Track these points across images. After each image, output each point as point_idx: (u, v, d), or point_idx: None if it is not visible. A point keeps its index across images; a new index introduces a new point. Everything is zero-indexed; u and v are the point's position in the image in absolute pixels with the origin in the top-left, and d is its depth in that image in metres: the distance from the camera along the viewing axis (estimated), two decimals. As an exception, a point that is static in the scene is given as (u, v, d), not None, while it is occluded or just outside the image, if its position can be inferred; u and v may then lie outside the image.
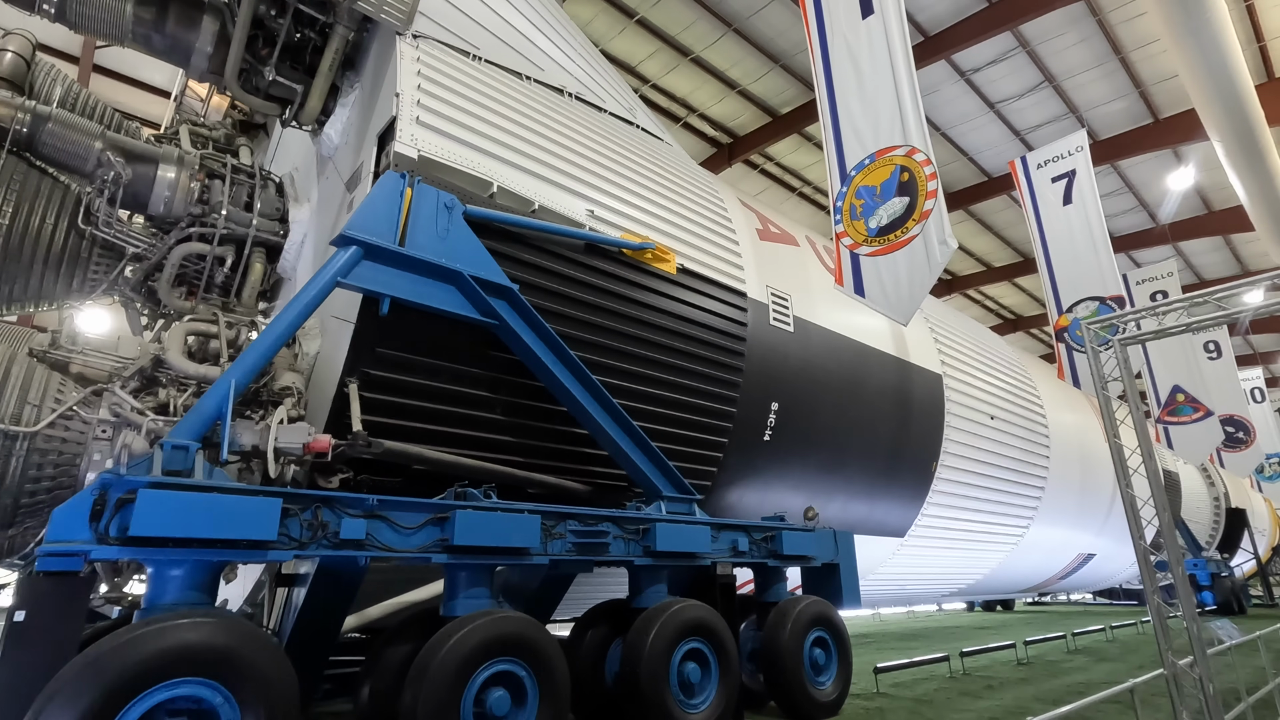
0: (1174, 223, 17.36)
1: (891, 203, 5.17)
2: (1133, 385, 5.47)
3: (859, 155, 5.53)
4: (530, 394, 5.44)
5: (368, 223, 4.39)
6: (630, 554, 5.13)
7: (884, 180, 5.26)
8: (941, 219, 4.85)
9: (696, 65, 12.11)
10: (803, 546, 6.42)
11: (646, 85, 12.63)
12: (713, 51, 11.80)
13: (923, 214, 4.95)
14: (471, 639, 3.82)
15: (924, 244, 4.91)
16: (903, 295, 5.10)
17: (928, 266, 4.90)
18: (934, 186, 4.95)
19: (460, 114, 5.34)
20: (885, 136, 5.33)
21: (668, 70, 12.23)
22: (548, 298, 5.55)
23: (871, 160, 5.41)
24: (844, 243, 5.64)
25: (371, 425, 4.68)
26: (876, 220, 5.27)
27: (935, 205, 4.89)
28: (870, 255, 5.29)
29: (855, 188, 5.50)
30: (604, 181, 6.29)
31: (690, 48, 11.71)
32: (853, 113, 5.61)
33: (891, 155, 5.25)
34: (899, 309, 5.21)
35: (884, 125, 5.34)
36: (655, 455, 5.66)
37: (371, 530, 3.85)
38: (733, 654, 5.23)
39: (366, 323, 4.60)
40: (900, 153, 5.20)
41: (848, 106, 5.65)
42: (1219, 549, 24.54)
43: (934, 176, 4.98)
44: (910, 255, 4.99)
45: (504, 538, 4.27)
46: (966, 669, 8.78)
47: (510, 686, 3.98)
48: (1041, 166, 9.34)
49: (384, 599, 5.45)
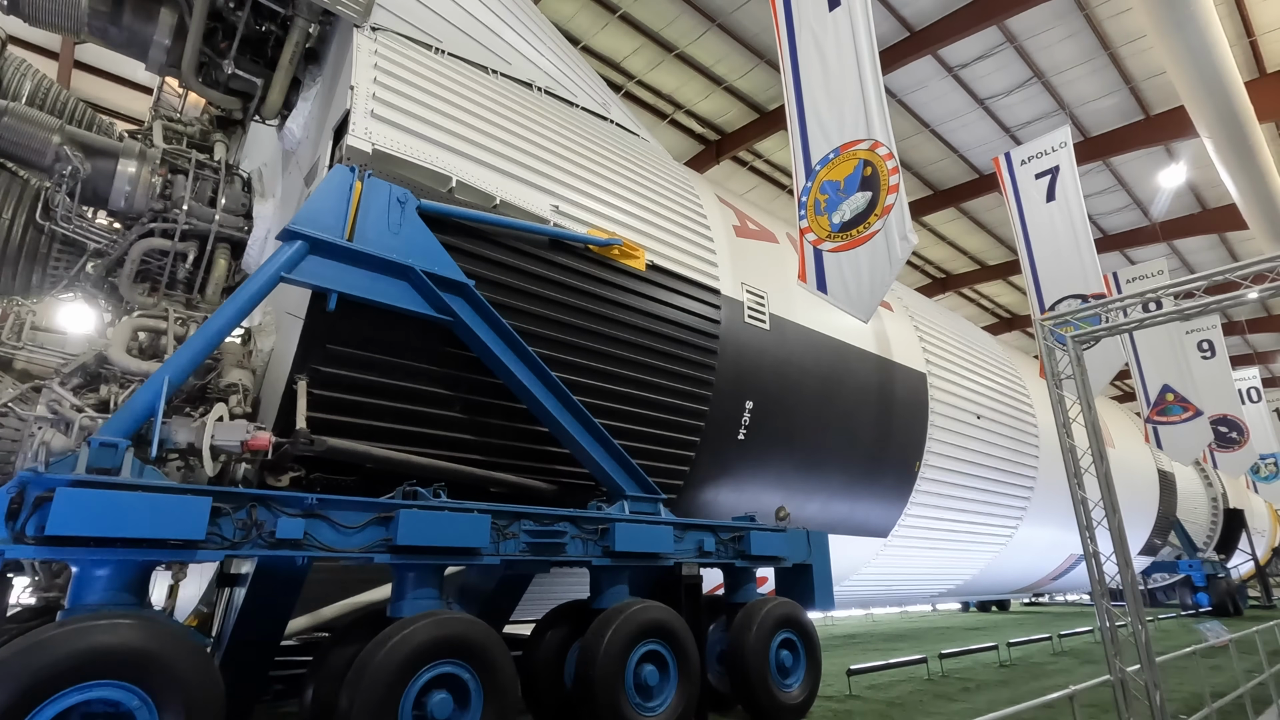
0: (1168, 221, 17.21)
1: (855, 198, 5.08)
2: (1086, 382, 5.37)
3: (824, 149, 5.44)
4: (491, 392, 5.36)
5: (314, 217, 4.32)
6: (589, 554, 5.06)
7: (848, 175, 5.17)
8: (902, 214, 4.76)
9: (681, 61, 12.02)
10: (772, 547, 6.34)
11: (631, 82, 12.53)
12: (697, 47, 11.71)
13: (885, 209, 4.85)
14: (411, 641, 3.75)
15: (885, 240, 4.81)
16: (864, 292, 5.01)
17: (889, 263, 4.80)
18: (896, 181, 4.85)
19: (418, 107, 5.26)
20: (850, 130, 5.24)
21: (652, 66, 12.13)
22: (510, 294, 5.47)
23: (836, 154, 5.32)
24: (808, 238, 5.55)
25: (323, 423, 4.62)
26: (840, 215, 5.18)
27: (897, 200, 4.80)
28: (833, 251, 5.20)
29: (820, 182, 5.41)
30: (571, 177, 6.21)
31: (674, 43, 11.62)
32: (819, 106, 5.51)
33: (856, 149, 5.16)
34: (860, 306, 5.11)
35: (849, 118, 5.25)
36: (618, 454, 5.58)
37: (310, 530, 3.77)
38: (693, 656, 5.15)
39: (316, 319, 4.52)
40: (864, 146, 5.11)
41: (814, 99, 5.56)
42: (1216, 550, 24.41)
43: (896, 171, 4.89)
44: (872, 251, 4.89)
45: (451, 538, 4.20)
46: (947, 671, 8.69)
47: (453, 689, 3.91)
48: (1025, 163, 9.23)
49: (341, 599, 5.39)
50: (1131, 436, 18.05)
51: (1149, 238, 17.17)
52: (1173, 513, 21.37)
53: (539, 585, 6.87)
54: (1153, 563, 22.46)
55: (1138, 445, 18.14)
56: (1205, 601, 21.51)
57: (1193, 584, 22.11)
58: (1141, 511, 19.06)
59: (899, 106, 13.22)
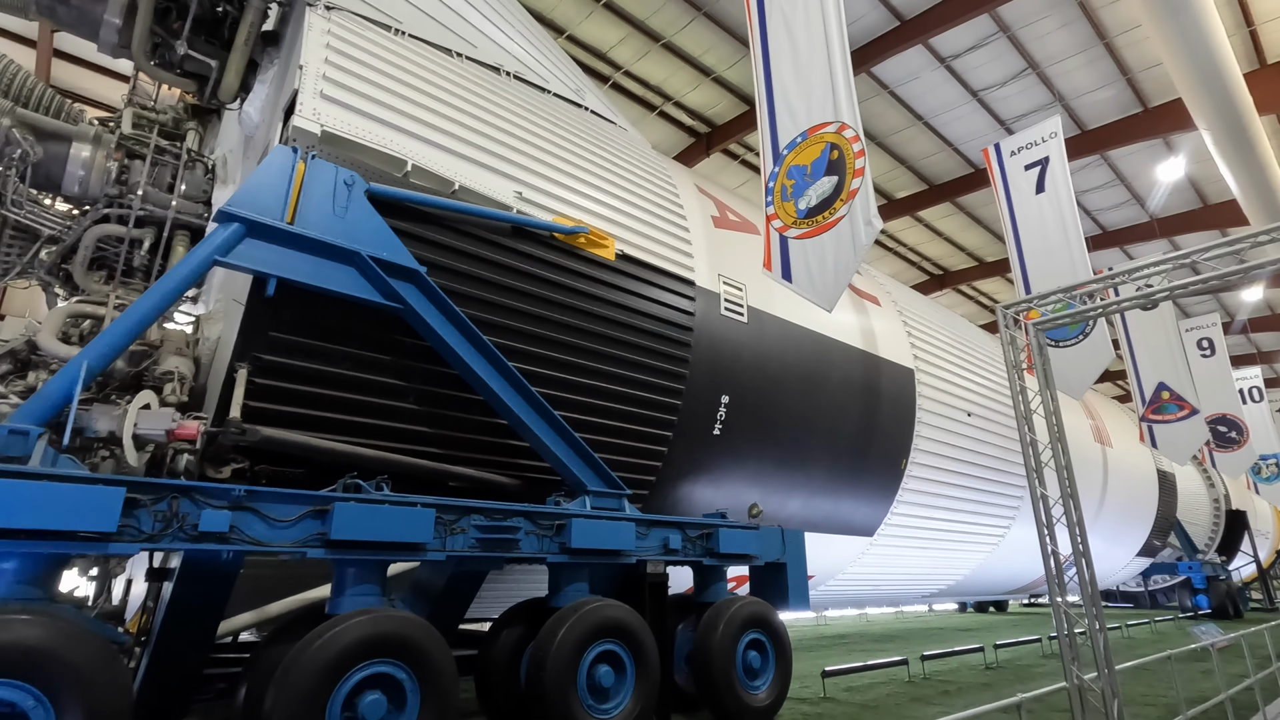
0: (1168, 217, 16.93)
1: (821, 183, 4.89)
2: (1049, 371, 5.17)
3: (791, 133, 5.25)
4: (450, 383, 5.20)
5: (252, 198, 4.16)
6: (544, 551, 4.89)
7: (814, 159, 4.98)
8: (867, 199, 4.57)
9: (668, 51, 11.81)
10: (743, 545, 6.16)
11: (619, 72, 12.35)
12: (684, 37, 11.50)
13: (850, 194, 4.66)
14: (342, 639, 3.59)
15: (850, 225, 4.63)
16: (828, 280, 4.82)
17: (853, 249, 4.61)
18: (861, 164, 4.66)
19: (373, 89, 5.10)
20: (818, 112, 5.05)
21: (639, 56, 11.93)
22: (469, 283, 5.31)
23: (803, 138, 5.13)
24: (774, 225, 5.37)
25: (267, 413, 4.47)
26: (806, 201, 4.99)
27: (862, 184, 4.61)
28: (799, 238, 5.02)
29: (787, 167, 5.23)
30: (537, 163, 6.04)
31: (660, 32, 11.42)
32: (787, 89, 5.32)
33: (823, 132, 4.97)
34: (824, 294, 4.93)
35: (816, 101, 5.06)
36: (580, 447, 5.42)
37: (238, 523, 3.62)
38: (652, 657, 4.98)
39: (257, 305, 4.37)
40: (831, 129, 4.92)
41: (783, 82, 5.37)
42: (1218, 551, 24.11)
43: (862, 154, 4.69)
44: (837, 238, 4.71)
45: (392, 532, 4.04)
46: (930, 673, 8.50)
47: (388, 690, 3.75)
48: (1015, 154, 9.02)
49: (295, 594, 5.25)
50: (1130, 436, 17.79)
51: (1149, 234, 16.89)
52: (1172, 513, 21.09)
53: (505, 582, 6.74)
54: (1152, 564, 22.20)
55: (1136, 445, 17.89)
56: (1205, 604, 21.22)
57: (1192, 586, 21.81)
58: (1140, 512, 18.81)
59: (891, 99, 13.01)
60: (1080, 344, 7.91)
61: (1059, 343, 8.11)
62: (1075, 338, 7.99)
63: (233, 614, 4.88)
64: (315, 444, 4.37)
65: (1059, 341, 8.11)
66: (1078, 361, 7.88)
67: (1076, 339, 7.96)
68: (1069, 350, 8.01)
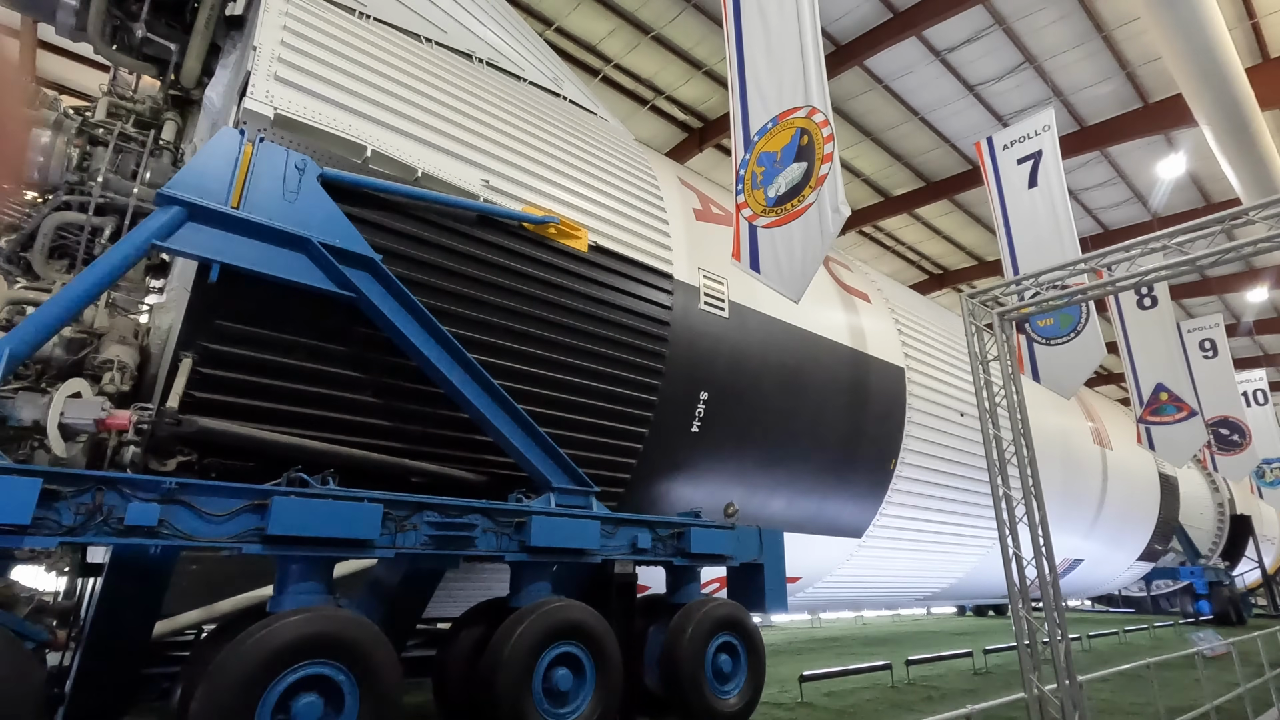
0: (1170, 216, 16.65)
1: (790, 169, 4.72)
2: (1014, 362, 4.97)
3: (763, 119, 5.08)
4: (410, 375, 5.05)
5: (195, 181, 4.02)
6: (503, 549, 4.73)
7: (784, 145, 4.81)
8: (836, 184, 4.40)
9: (659, 44, 11.63)
10: (716, 544, 5.99)
11: (609, 65, 12.17)
12: (674, 29, 11.33)
13: (819, 180, 4.49)
14: (275, 639, 3.44)
15: (818, 213, 4.46)
16: (795, 269, 4.65)
17: (820, 237, 4.44)
18: (830, 149, 4.48)
19: (332, 72, 4.95)
20: (789, 97, 4.88)
21: (629, 49, 11.76)
22: (431, 273, 5.16)
23: (774, 124, 4.96)
24: (744, 214, 5.20)
25: (216, 404, 4.33)
26: (775, 189, 4.82)
27: (831, 170, 4.43)
28: (767, 227, 4.85)
29: (757, 154, 5.06)
30: (507, 151, 5.88)
31: (650, 24, 11.25)
32: (759, 74, 5.15)
33: (793, 117, 4.80)
34: (791, 284, 4.76)
35: (788, 85, 4.89)
36: (544, 442, 5.26)
37: (168, 516, 3.47)
38: (614, 659, 4.82)
39: (202, 292, 4.23)
40: (801, 114, 4.75)
41: (755, 67, 5.20)
42: (1222, 557, 23.77)
43: (831, 139, 4.52)
44: (805, 225, 4.53)
45: (335, 528, 3.89)
46: (916, 678, 8.31)
47: (325, 691, 3.60)
48: (1008, 147, 8.81)
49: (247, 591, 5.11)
50: (1132, 439, 17.52)
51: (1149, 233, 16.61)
52: (1174, 518, 20.79)
53: (475, 581, 6.59)
54: (1154, 569, 21.90)
55: (1138, 448, 17.63)
56: (1207, 609, 20.90)
57: (1194, 592, 21.49)
58: (1140, 516, 18.53)
59: (886, 93, 12.80)
60: (1071, 342, 7.70)
61: (1049, 340, 7.91)
62: (1066, 335, 7.78)
63: (181, 610, 4.74)
64: (260, 436, 4.22)
65: (1049, 339, 7.91)
66: (1068, 360, 7.67)
67: (1067, 336, 7.76)
68: (1059, 348, 7.81)
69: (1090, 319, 7.67)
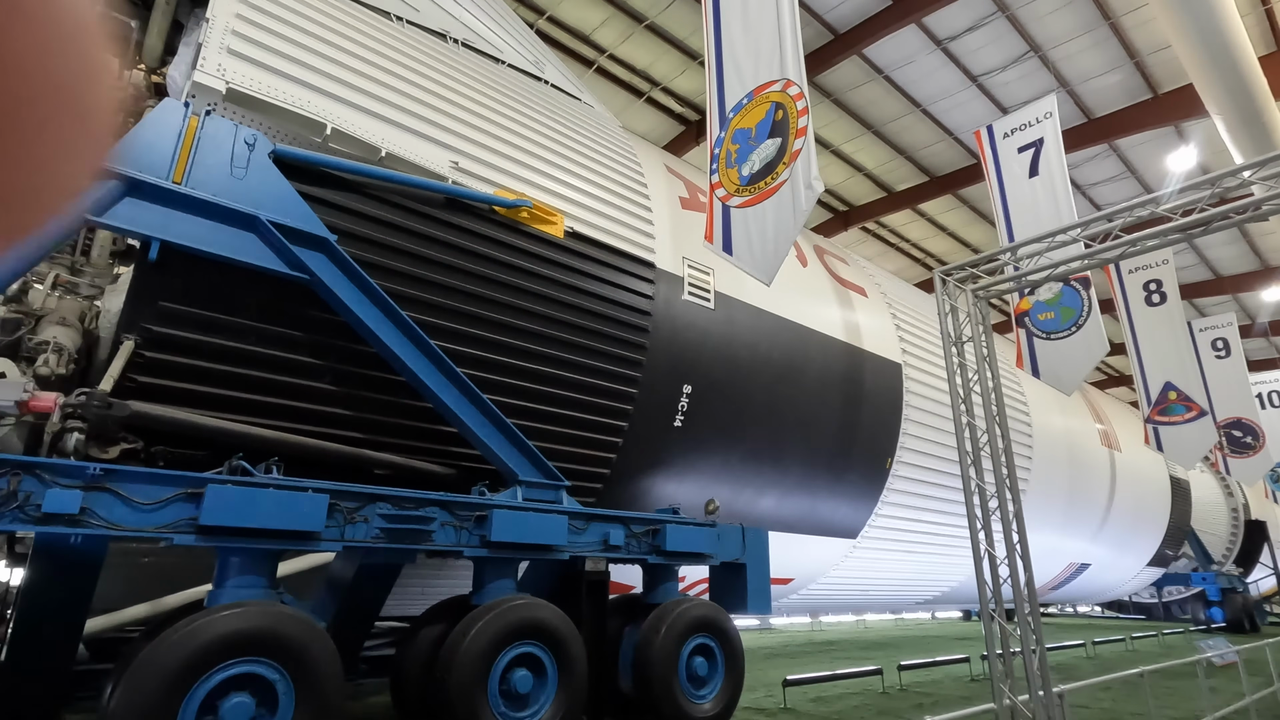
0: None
1: (764, 146, 4.48)
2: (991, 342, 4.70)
3: (738, 94, 4.84)
4: (373, 363, 4.85)
5: (133, 154, 3.84)
6: (462, 544, 4.52)
7: (759, 121, 4.58)
8: (809, 160, 4.15)
9: (652, 33, 11.41)
10: (693, 543, 5.75)
11: (603, 56, 11.96)
12: (667, 17, 11.09)
13: (792, 155, 4.25)
14: (202, 636, 3.25)
15: (791, 190, 4.22)
16: (767, 250, 4.40)
17: (793, 215, 4.20)
18: (804, 123, 4.24)
19: (291, 47, 4.76)
20: (765, 71, 4.64)
21: (623, 39, 11.54)
22: (395, 256, 4.96)
23: (749, 99, 4.72)
24: (717, 194, 4.97)
25: (162, 389, 4.15)
26: (749, 167, 4.59)
27: (804, 144, 4.19)
28: (740, 207, 4.61)
29: (732, 131, 4.82)
30: (479, 133, 5.68)
31: (643, 13, 11.02)
32: (736, 48, 4.92)
33: (768, 92, 4.56)
34: (763, 266, 4.52)
35: (764, 59, 4.65)
36: (511, 433, 5.05)
37: (92, 504, 3.29)
38: (578, 661, 4.59)
39: (145, 273, 4.05)
40: (777, 88, 4.50)
41: (732, 41, 4.96)
42: (1236, 563, 23.20)
43: (805, 112, 4.27)
44: (778, 204, 4.29)
45: (274, 519, 3.69)
46: (909, 684, 8.02)
47: (258, 691, 3.40)
48: (1008, 135, 8.51)
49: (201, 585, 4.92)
50: (1141, 441, 17.10)
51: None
52: (1186, 522, 20.30)
53: (447, 579, 6.38)
54: (1165, 574, 21.39)
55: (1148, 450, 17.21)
56: (1219, 617, 20.38)
57: (1206, 598, 20.97)
58: (1150, 520, 18.09)
59: (887, 84, 12.49)
60: (1072, 336, 7.40)
61: (1050, 335, 7.61)
62: (1067, 329, 7.48)
63: (128, 605, 4.57)
64: (201, 422, 4.03)
65: (1050, 334, 7.62)
66: (1069, 355, 7.37)
67: (1068, 331, 7.46)
68: (1060, 343, 7.51)
69: (1092, 312, 7.37)
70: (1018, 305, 7.92)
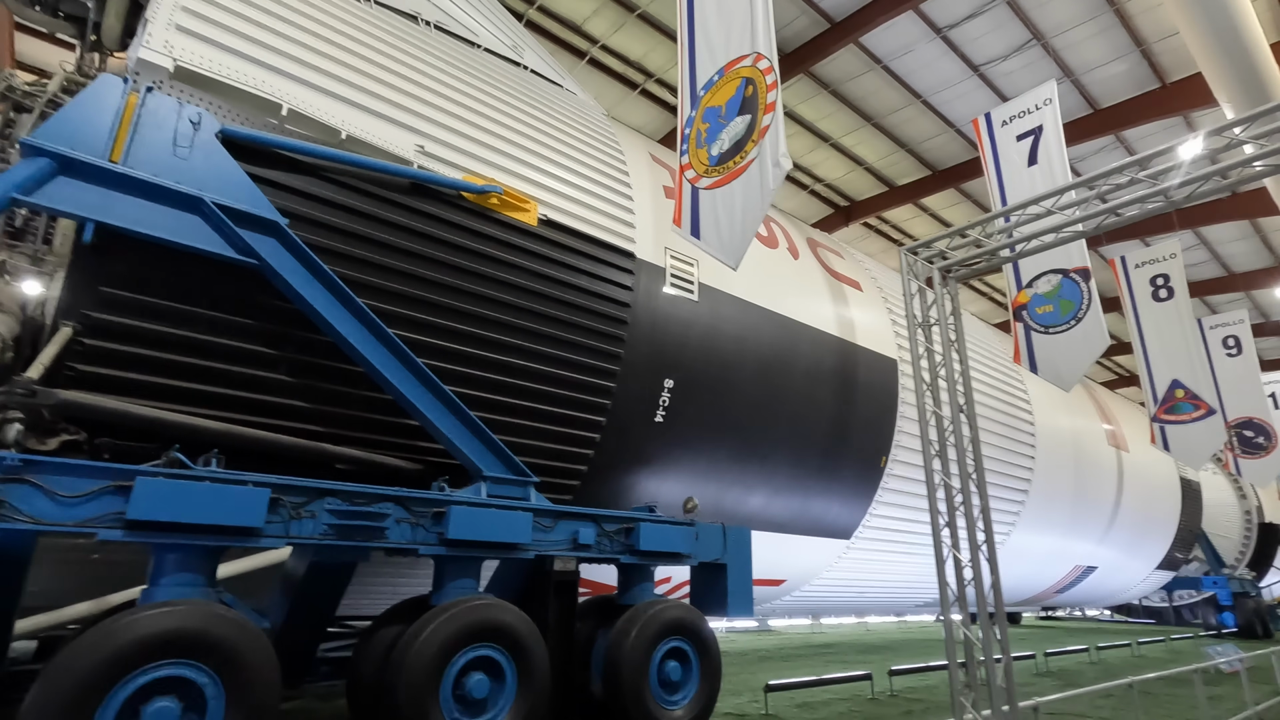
0: (1191, 206, 15.79)
1: (734, 123, 4.26)
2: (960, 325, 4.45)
3: (709, 71, 4.62)
4: (334, 353, 4.66)
5: (67, 131, 3.67)
6: (417, 541, 4.33)
7: (729, 98, 4.35)
8: (777, 136, 3.92)
9: (645, 22, 11.18)
10: (670, 542, 5.53)
11: (596, 46, 11.74)
12: (659, 6, 10.86)
13: (761, 132, 4.02)
14: (122, 636, 3.07)
15: (759, 169, 3.99)
16: (735, 232, 4.18)
17: (760, 194, 3.97)
18: (773, 98, 4.01)
19: (245, 24, 4.59)
20: (736, 45, 4.41)
21: (615, 29, 11.33)
22: (354, 242, 4.78)
23: (720, 76, 4.50)
24: (687, 176, 4.74)
25: (104, 379, 3.98)
26: (719, 146, 4.36)
27: (773, 121, 3.96)
28: (709, 188, 4.39)
29: (703, 110, 4.60)
30: (447, 116, 5.49)
31: (634, 2, 10.81)
32: (709, 23, 4.70)
33: (739, 67, 4.33)
34: (730, 249, 4.29)
35: (735, 33, 4.42)
36: (475, 426, 4.85)
37: (9, 497, 3.11)
38: (539, 663, 4.39)
39: (83, 257, 3.89)
40: (747, 62, 4.28)
41: (705, 16, 4.74)
42: (1249, 567, 22.71)
43: (775, 86, 4.03)
44: (745, 183, 4.06)
45: (209, 513, 3.50)
46: (901, 689, 7.77)
47: (185, 695, 3.21)
48: (1007, 123, 8.23)
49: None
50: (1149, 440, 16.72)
51: (1169, 224, 15.79)
52: (1196, 525, 19.85)
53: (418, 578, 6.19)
54: (1175, 578, 20.95)
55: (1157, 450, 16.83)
56: (1231, 622, 19.92)
57: (1218, 602, 20.51)
58: (1160, 522, 17.68)
59: (886, 75, 12.21)
60: (1071, 330, 7.12)
61: (1048, 329, 7.33)
62: (1066, 323, 7.19)
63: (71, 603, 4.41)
64: (138, 412, 3.86)
65: (1048, 327, 7.33)
66: (1068, 349, 7.09)
67: (1068, 324, 7.17)
68: (1059, 337, 7.22)
69: (1092, 306, 7.09)
70: (1015, 298, 7.65)
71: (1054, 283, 7.51)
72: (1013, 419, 11.77)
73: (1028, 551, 13.27)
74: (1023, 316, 7.65)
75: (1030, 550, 13.32)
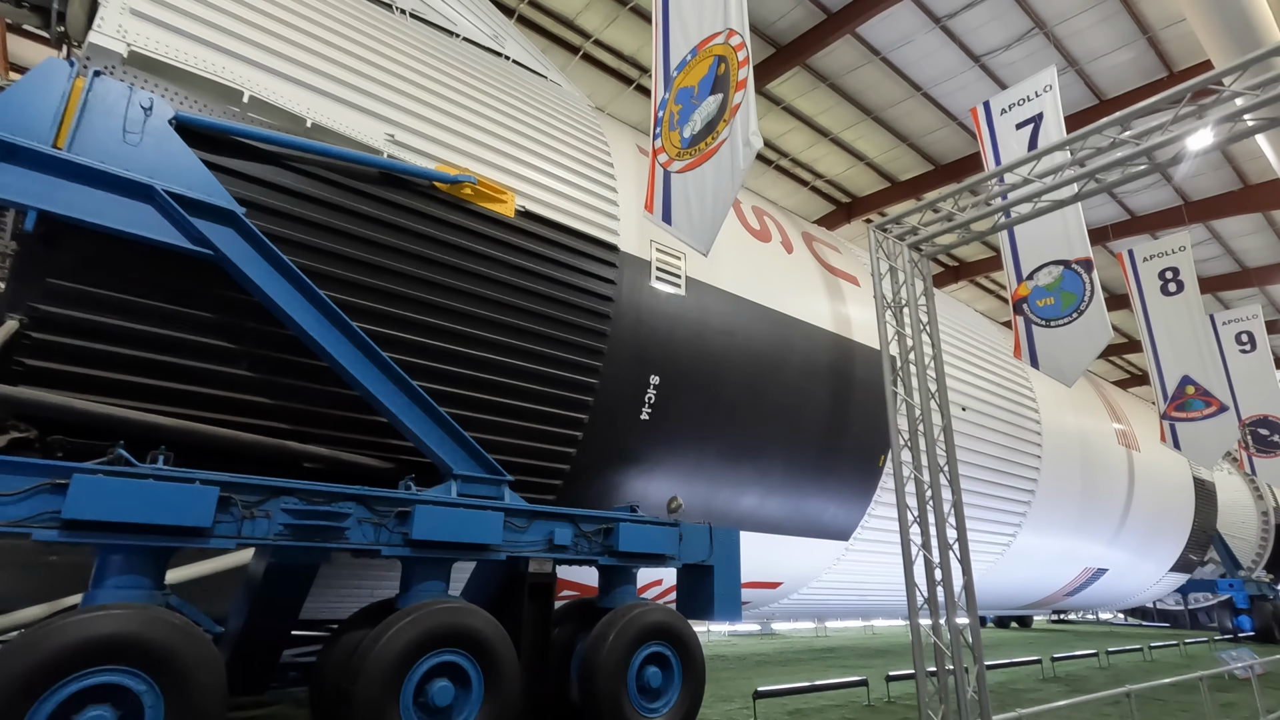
0: (1204, 200, 15.44)
1: (706, 103, 4.08)
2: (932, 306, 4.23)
3: (683, 51, 4.44)
4: (298, 348, 4.51)
5: (9, 116, 3.53)
6: (380, 542, 4.16)
7: (702, 78, 4.18)
8: (748, 114, 3.73)
9: (637, 16, 11.03)
10: (652, 543, 5.34)
11: (589, 41, 11.59)
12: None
13: (732, 110, 3.84)
14: (51, 642, 2.91)
15: (730, 149, 3.81)
16: (705, 215, 3.99)
17: (731, 175, 3.78)
18: (744, 75, 3.82)
19: (204, 9, 4.46)
20: (709, 22, 4.23)
21: (608, 23, 11.18)
22: (321, 234, 4.63)
23: (693, 55, 4.32)
24: (659, 160, 4.56)
25: (53, 374, 3.85)
26: (691, 127, 4.19)
27: (744, 99, 3.77)
28: (681, 171, 4.21)
29: (676, 91, 4.43)
30: (420, 105, 5.34)
31: (626, -5, 10.68)
32: (683, 1, 4.52)
33: (711, 45, 4.15)
34: (700, 234, 4.10)
35: (708, 10, 4.25)
36: (445, 423, 4.68)
37: (-65, 495, 2.97)
38: (508, 669, 4.20)
39: (29, 247, 3.75)
40: (720, 40, 4.10)
41: (679, -4, 4.56)
42: (1266, 569, 22.19)
43: (746, 62, 3.85)
44: (717, 165, 3.88)
45: (152, 513, 3.35)
46: (898, 695, 7.52)
47: (121, 702, 3.05)
48: (1006, 111, 7.99)
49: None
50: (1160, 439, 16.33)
51: (1183, 218, 15.44)
52: (1211, 526, 19.40)
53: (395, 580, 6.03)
54: (1190, 580, 20.49)
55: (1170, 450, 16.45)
56: (1248, 625, 19.43)
57: (1234, 605, 20.03)
58: (1173, 523, 17.27)
59: (884, 66, 11.97)
60: (1073, 323, 6.87)
61: (1049, 322, 7.08)
62: (1068, 316, 6.94)
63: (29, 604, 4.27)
64: (85, 409, 3.71)
65: (1049, 321, 7.09)
66: (1070, 343, 6.84)
67: (1069, 317, 6.92)
68: (1060, 330, 6.97)
69: (1095, 298, 6.83)
70: (1015, 291, 7.41)
71: (1055, 274, 7.26)
72: (1016, 416, 11.47)
73: (1035, 553, 12.95)
74: (1023, 309, 7.41)
75: (1037, 552, 13.00)
